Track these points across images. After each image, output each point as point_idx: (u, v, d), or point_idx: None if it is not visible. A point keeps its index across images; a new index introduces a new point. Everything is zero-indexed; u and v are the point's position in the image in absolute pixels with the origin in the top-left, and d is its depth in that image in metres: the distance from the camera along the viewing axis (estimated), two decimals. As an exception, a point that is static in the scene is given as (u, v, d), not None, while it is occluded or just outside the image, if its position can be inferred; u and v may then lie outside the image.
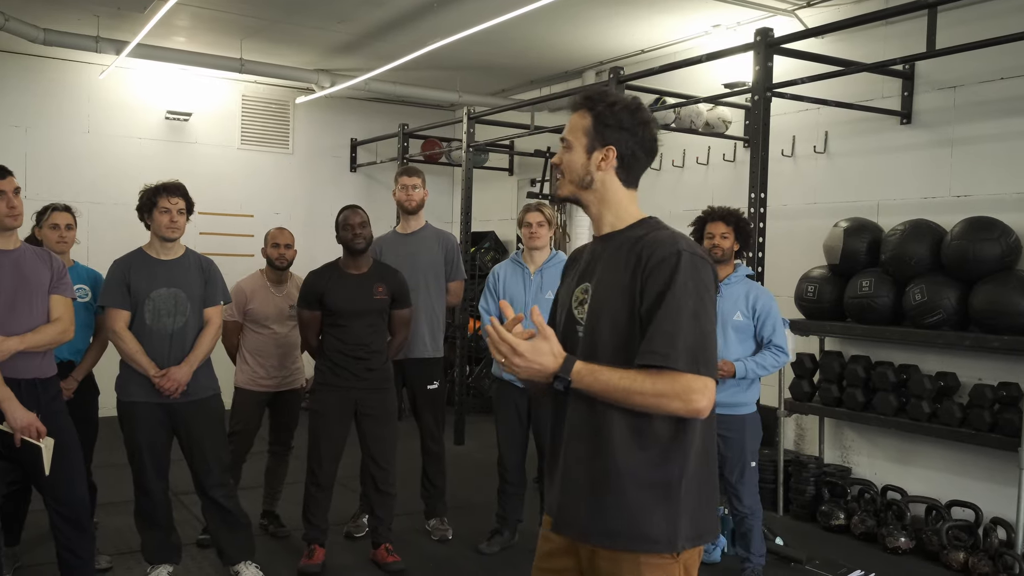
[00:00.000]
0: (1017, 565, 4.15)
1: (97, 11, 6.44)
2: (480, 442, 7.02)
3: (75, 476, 3.52)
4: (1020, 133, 4.77)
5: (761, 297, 4.10)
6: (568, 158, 2.02)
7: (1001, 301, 4.42)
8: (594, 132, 1.99)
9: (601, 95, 2.02)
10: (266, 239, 4.78)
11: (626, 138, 1.99)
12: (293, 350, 4.73)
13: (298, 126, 9.00)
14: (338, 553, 4.48)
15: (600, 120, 1.98)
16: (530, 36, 6.74)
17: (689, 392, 1.79)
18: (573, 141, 2.01)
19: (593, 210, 2.05)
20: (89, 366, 4.19)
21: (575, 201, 2.06)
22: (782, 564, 4.53)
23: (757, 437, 4.19)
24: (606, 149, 1.99)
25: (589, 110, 2.00)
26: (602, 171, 2.00)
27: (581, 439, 1.96)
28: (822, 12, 5.76)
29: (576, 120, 2.02)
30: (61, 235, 4.21)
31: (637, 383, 1.81)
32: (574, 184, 2.03)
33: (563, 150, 2.04)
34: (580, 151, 2.01)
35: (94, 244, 6.68)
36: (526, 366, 1.85)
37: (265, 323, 4.64)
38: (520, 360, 1.84)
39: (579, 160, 2.01)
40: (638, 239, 1.95)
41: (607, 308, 1.94)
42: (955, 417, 4.61)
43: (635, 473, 1.89)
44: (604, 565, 1.95)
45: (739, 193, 5.17)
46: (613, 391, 1.83)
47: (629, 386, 1.81)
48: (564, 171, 2.04)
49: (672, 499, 1.89)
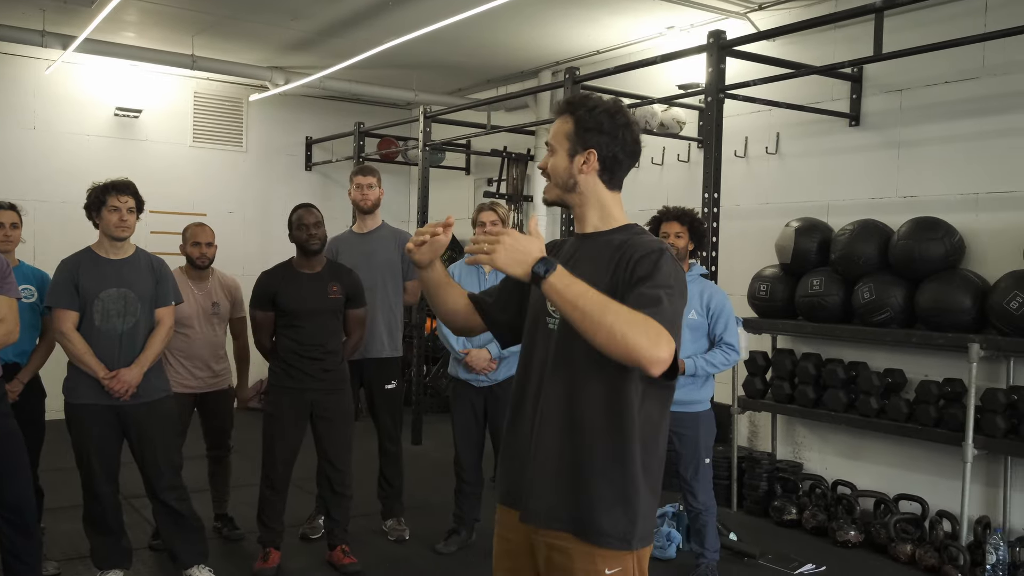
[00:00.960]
0: (961, 556, 4.26)
1: (43, 5, 6.28)
2: (437, 442, 7.00)
3: (21, 480, 3.44)
4: (964, 136, 4.90)
5: (715, 296, 4.15)
6: (552, 162, 2.06)
7: (945, 299, 4.53)
8: (575, 136, 2.02)
9: (582, 99, 2.06)
10: (184, 236, 4.59)
11: (606, 141, 2.01)
12: (218, 350, 4.61)
13: (252, 124, 8.88)
14: (294, 555, 4.44)
15: (580, 124, 2.02)
16: (486, 36, 6.74)
17: (658, 337, 1.75)
18: (556, 146, 2.05)
19: (578, 211, 2.09)
20: (35, 368, 4.09)
21: (562, 204, 2.10)
22: (736, 559, 4.59)
23: (711, 434, 4.25)
24: (587, 152, 2.02)
25: (571, 115, 2.04)
26: (584, 174, 2.03)
27: (555, 429, 1.97)
28: (773, 15, 5.86)
29: (559, 125, 2.05)
30: (6, 234, 4.11)
31: (615, 303, 1.78)
32: (559, 188, 2.07)
33: (548, 155, 2.08)
34: (563, 155, 2.04)
35: (40, 243, 6.53)
36: (512, 245, 1.80)
37: (188, 323, 4.46)
38: (508, 239, 1.80)
39: (562, 164, 2.04)
40: (621, 243, 1.99)
41: None
42: (902, 413, 4.72)
43: (605, 468, 1.92)
44: (559, 558, 1.97)
45: (693, 193, 5.23)
46: (590, 300, 1.77)
47: (606, 301, 1.77)
48: (550, 175, 2.07)
49: (635, 498, 1.93)
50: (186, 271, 4.60)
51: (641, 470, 1.93)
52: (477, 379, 4.45)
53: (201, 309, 4.55)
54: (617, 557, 1.94)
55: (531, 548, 2.04)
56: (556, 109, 2.10)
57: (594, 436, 1.93)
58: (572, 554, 1.95)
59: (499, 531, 2.16)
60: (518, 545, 2.07)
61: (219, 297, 4.64)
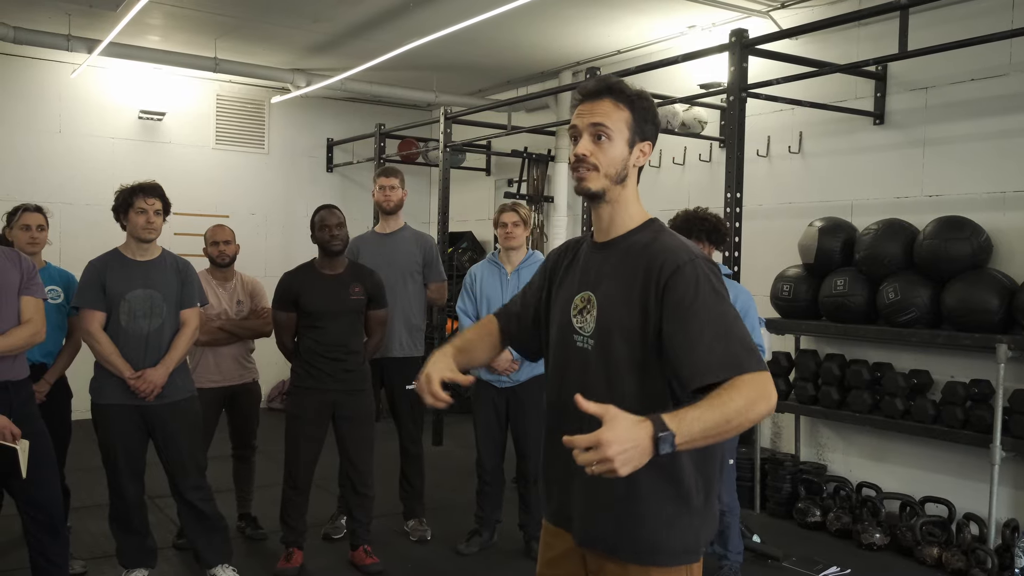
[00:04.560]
0: (989, 560, 4.20)
1: (69, 9, 6.36)
2: (459, 442, 7.01)
3: (49, 480, 3.47)
4: (990, 134, 4.84)
5: (740, 296, 4.12)
6: (608, 150, 1.87)
7: (972, 299, 4.48)
8: (635, 125, 1.89)
9: (627, 86, 1.92)
10: (205, 238, 4.74)
11: (655, 134, 1.94)
12: (245, 347, 4.71)
13: (274, 126, 8.94)
14: (316, 555, 4.45)
15: (640, 114, 1.90)
16: (506, 36, 6.74)
17: (769, 387, 1.67)
18: (615, 132, 1.87)
19: (612, 208, 1.93)
20: (62, 368, 4.14)
21: (599, 196, 1.91)
22: (759, 561, 4.56)
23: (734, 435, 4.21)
24: (645, 144, 1.92)
25: (624, 102, 1.89)
26: (636, 167, 1.93)
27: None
28: (796, 13, 5.81)
29: (612, 110, 1.88)
30: (32, 236, 4.16)
31: (727, 404, 1.63)
32: (610, 178, 1.89)
33: (593, 141, 1.88)
34: (622, 144, 1.88)
35: (66, 245, 6.59)
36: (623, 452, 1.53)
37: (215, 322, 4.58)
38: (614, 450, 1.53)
39: (621, 153, 1.88)
40: (644, 246, 1.88)
41: (617, 323, 1.86)
42: (928, 414, 4.67)
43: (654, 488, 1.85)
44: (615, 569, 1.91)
45: (715, 193, 5.20)
46: (712, 426, 1.61)
47: (723, 412, 1.62)
48: (599, 163, 1.87)
49: (687, 513, 1.87)
50: (211, 272, 4.68)
51: (695, 481, 1.85)
52: (499, 380, 4.45)
53: (227, 308, 4.62)
54: (672, 572, 1.88)
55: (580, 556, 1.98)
56: (594, 90, 1.90)
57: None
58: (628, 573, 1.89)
59: (545, 537, 2.09)
60: (564, 553, 2.01)
61: (243, 296, 4.71)
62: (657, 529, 1.86)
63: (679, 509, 1.86)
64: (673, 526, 1.86)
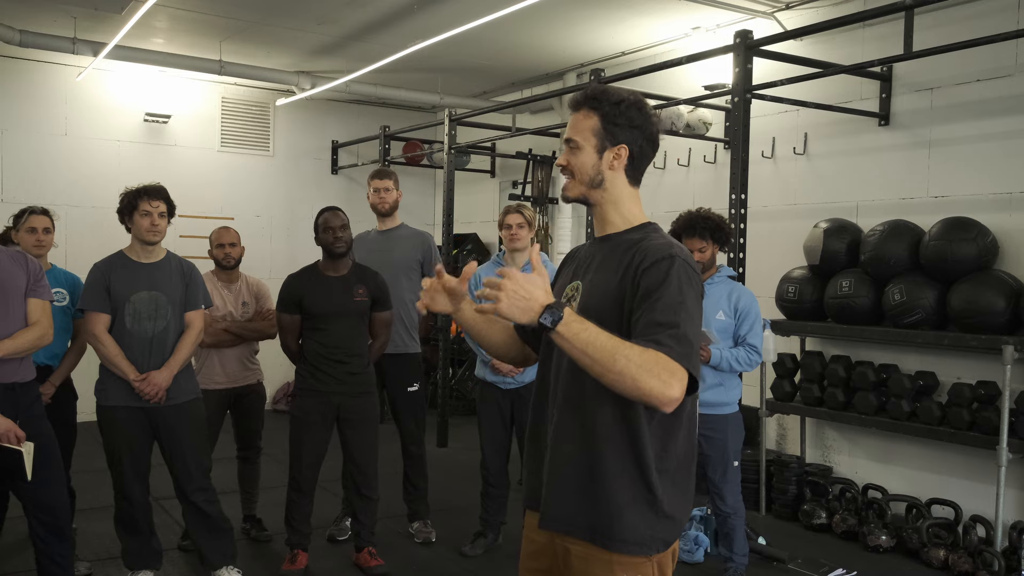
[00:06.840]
0: (996, 562, 4.19)
1: (74, 12, 6.38)
2: (463, 444, 7.01)
3: (54, 482, 3.48)
4: (997, 134, 4.82)
5: (743, 297, 4.12)
6: (578, 159, 1.99)
7: (979, 301, 4.46)
8: (603, 132, 1.97)
9: (603, 93, 1.99)
10: (210, 240, 4.75)
11: (636, 136, 1.98)
12: (250, 349, 4.71)
13: (278, 128, 8.95)
14: (321, 557, 4.46)
15: (608, 119, 1.96)
16: (511, 38, 6.74)
17: (670, 375, 1.70)
18: (582, 142, 1.98)
19: (601, 209, 2.03)
20: (67, 371, 4.15)
21: (584, 201, 2.04)
22: (765, 563, 4.55)
23: (739, 437, 4.21)
24: (618, 148, 1.98)
25: (594, 109, 1.97)
26: (613, 170, 1.99)
27: (569, 436, 1.96)
28: (801, 14, 5.80)
29: (581, 120, 1.99)
30: (39, 239, 4.17)
31: (625, 347, 1.71)
32: (584, 185, 2.00)
33: (569, 152, 2.01)
34: (590, 151, 1.98)
35: (72, 248, 6.61)
36: (515, 291, 1.71)
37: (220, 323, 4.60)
38: (510, 286, 1.71)
39: (589, 161, 1.98)
40: (634, 243, 1.95)
41: (595, 308, 1.93)
42: (934, 416, 4.65)
43: (617, 475, 1.91)
44: (577, 564, 1.96)
45: (720, 194, 5.20)
46: (599, 348, 1.70)
47: (616, 347, 1.70)
48: (574, 172, 2.00)
49: (650, 503, 1.91)
50: (216, 274, 4.69)
51: (657, 475, 1.91)
52: (504, 381, 4.45)
53: (232, 310, 4.63)
54: (635, 563, 1.92)
55: (552, 547, 2.04)
56: (573, 102, 2.02)
57: (605, 442, 1.91)
58: (590, 560, 1.94)
59: (526, 532, 2.15)
60: (543, 546, 2.07)
61: (248, 298, 4.71)
62: (612, 512, 1.91)
63: (637, 497, 1.90)
64: (629, 511, 1.90)
